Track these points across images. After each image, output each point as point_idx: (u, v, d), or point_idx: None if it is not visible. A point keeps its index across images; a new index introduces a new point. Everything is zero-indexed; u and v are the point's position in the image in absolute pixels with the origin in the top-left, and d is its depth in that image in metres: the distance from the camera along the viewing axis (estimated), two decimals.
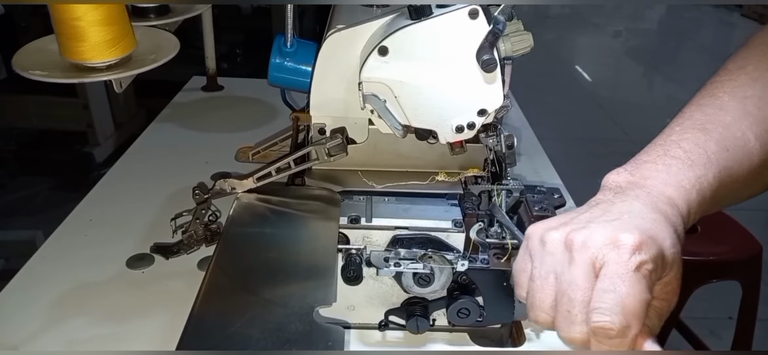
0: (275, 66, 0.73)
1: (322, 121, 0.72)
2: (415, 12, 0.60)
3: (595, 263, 0.42)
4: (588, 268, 0.42)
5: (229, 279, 0.60)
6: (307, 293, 0.57)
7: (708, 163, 0.48)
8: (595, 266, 0.42)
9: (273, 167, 0.71)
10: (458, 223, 0.66)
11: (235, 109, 1.33)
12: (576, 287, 0.42)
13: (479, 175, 0.73)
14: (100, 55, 0.66)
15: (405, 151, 0.74)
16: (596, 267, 0.42)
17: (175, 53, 0.73)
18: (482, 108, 0.64)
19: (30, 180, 2.51)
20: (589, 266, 0.42)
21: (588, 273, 0.42)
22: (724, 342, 1.81)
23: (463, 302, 0.64)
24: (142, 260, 0.81)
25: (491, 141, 0.70)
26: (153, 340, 0.68)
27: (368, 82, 0.63)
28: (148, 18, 0.85)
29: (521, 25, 0.63)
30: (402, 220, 0.66)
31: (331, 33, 0.67)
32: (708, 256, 1.35)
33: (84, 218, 0.90)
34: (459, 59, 0.61)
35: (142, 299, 0.74)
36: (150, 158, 1.10)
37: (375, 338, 0.69)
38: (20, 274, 0.78)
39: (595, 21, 5.67)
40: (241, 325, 0.53)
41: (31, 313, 0.71)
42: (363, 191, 0.72)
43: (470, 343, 0.70)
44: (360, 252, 0.64)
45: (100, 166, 2.49)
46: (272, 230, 0.67)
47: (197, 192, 0.74)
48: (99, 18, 0.64)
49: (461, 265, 0.61)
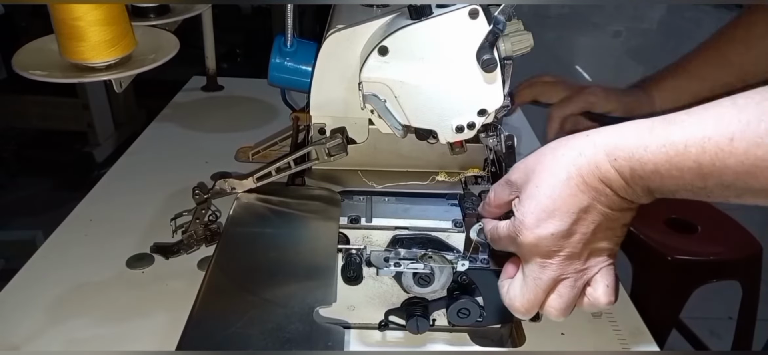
0: (275, 66, 0.73)
1: (322, 121, 0.72)
2: (415, 12, 0.60)
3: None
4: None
5: (229, 279, 0.60)
6: (307, 293, 0.56)
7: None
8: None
9: (273, 167, 0.71)
10: (458, 223, 0.66)
11: (235, 109, 1.33)
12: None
13: (479, 175, 0.73)
14: (100, 55, 0.66)
15: (405, 151, 0.74)
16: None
17: (175, 53, 0.73)
18: (482, 108, 0.64)
19: (30, 180, 2.51)
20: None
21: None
22: (724, 342, 1.81)
23: (463, 302, 0.64)
24: (142, 260, 0.81)
25: (491, 141, 0.70)
26: (153, 340, 0.68)
27: (368, 82, 0.63)
28: (148, 18, 0.85)
29: (521, 25, 0.63)
30: (402, 220, 0.66)
31: (331, 33, 0.67)
32: (708, 256, 1.35)
33: (84, 218, 0.90)
34: (459, 59, 0.61)
35: (142, 299, 0.74)
36: (150, 158, 1.10)
37: (375, 338, 0.69)
38: (20, 274, 0.78)
39: (595, 21, 5.66)
40: (241, 325, 0.53)
41: (31, 313, 0.71)
42: (363, 191, 0.72)
43: (470, 343, 0.70)
44: (360, 252, 0.64)
45: (100, 166, 2.49)
46: (272, 230, 0.67)
47: (197, 192, 0.74)
48: (99, 18, 0.64)
49: (461, 265, 0.61)
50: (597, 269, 0.51)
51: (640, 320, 0.75)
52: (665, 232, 1.39)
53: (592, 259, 0.50)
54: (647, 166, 0.44)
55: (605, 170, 0.46)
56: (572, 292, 0.51)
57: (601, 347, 0.71)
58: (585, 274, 0.51)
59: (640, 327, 0.74)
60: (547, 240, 0.48)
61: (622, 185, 0.46)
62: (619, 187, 0.46)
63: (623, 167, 0.45)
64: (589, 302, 0.52)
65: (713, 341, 1.81)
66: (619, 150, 0.45)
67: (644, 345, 0.71)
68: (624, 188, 0.46)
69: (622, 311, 0.76)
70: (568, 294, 0.51)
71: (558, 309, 0.52)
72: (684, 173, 0.42)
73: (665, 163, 0.43)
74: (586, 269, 0.50)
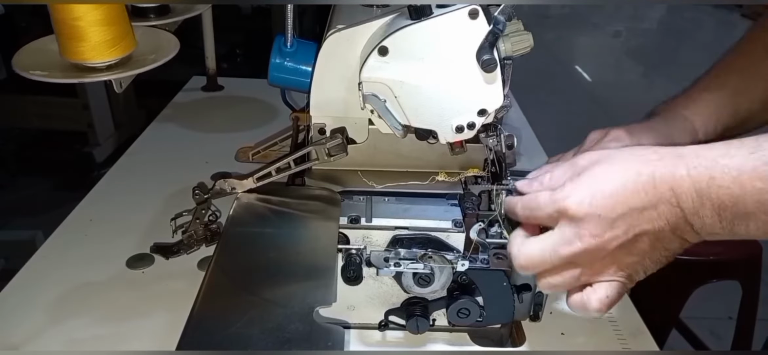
0: (275, 66, 0.73)
1: (322, 121, 0.72)
2: (415, 12, 0.60)
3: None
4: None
5: (229, 279, 0.60)
6: (307, 293, 0.57)
7: None
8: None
9: (273, 167, 0.71)
10: (458, 223, 0.66)
11: (235, 109, 1.33)
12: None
13: (479, 175, 0.73)
14: (100, 55, 0.66)
15: (405, 151, 0.74)
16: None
17: (175, 53, 0.73)
18: (482, 108, 0.64)
19: (30, 180, 2.51)
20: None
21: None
22: (724, 342, 1.81)
23: (463, 302, 0.64)
24: (142, 260, 0.81)
25: (491, 141, 0.70)
26: (153, 340, 0.68)
27: (368, 82, 0.63)
28: (148, 18, 0.85)
29: (521, 25, 0.63)
30: (402, 220, 0.66)
31: (331, 33, 0.67)
32: (708, 256, 1.35)
33: (84, 218, 0.90)
34: (459, 59, 0.61)
35: (142, 299, 0.74)
36: (150, 158, 1.10)
37: (375, 338, 0.69)
38: (20, 274, 0.78)
39: (595, 21, 5.66)
40: (241, 325, 0.53)
41: (31, 313, 0.71)
42: (363, 191, 0.72)
43: (470, 343, 0.70)
44: (360, 252, 0.64)
45: (100, 166, 2.49)
46: (272, 230, 0.67)
47: (197, 192, 0.74)
48: (99, 18, 0.64)
49: (461, 265, 0.61)
50: (609, 279, 0.49)
51: (640, 320, 0.75)
52: None
53: (611, 269, 0.49)
54: (729, 174, 0.41)
55: (680, 177, 0.44)
56: (572, 282, 0.50)
57: (601, 347, 0.71)
58: (595, 276, 0.49)
59: (640, 327, 0.74)
60: (591, 219, 0.46)
61: (692, 197, 0.43)
62: (687, 201, 0.43)
63: (701, 176, 0.42)
64: (581, 300, 0.50)
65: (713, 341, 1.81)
66: (700, 158, 0.43)
67: (644, 345, 0.71)
68: (693, 202, 0.43)
69: (622, 311, 0.76)
70: (566, 282, 0.50)
71: (549, 285, 0.51)
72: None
73: (750, 171, 0.40)
74: (600, 271, 0.49)
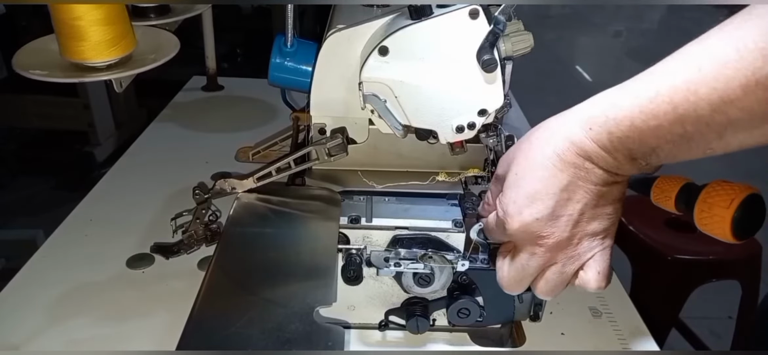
0: (275, 66, 0.73)
1: (322, 121, 0.72)
2: (415, 12, 0.60)
3: None
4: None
5: (229, 279, 0.60)
6: (307, 293, 0.56)
7: None
8: None
9: (273, 167, 0.71)
10: (458, 223, 0.66)
11: (235, 109, 1.33)
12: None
13: (479, 176, 0.73)
14: (100, 55, 0.66)
15: (405, 151, 0.74)
16: None
17: (175, 53, 0.73)
18: (482, 108, 0.64)
19: (30, 180, 2.51)
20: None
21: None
22: (724, 342, 1.81)
23: (463, 302, 0.64)
24: (142, 260, 0.81)
25: (491, 141, 0.70)
26: (153, 340, 0.68)
27: (368, 82, 0.63)
28: (148, 18, 0.85)
29: (521, 25, 0.63)
30: (402, 220, 0.66)
31: (331, 33, 0.67)
32: (708, 256, 1.35)
33: (84, 218, 0.90)
34: (459, 59, 0.61)
35: (142, 299, 0.74)
36: (150, 158, 1.10)
37: (375, 338, 0.69)
38: (20, 274, 0.78)
39: (595, 21, 5.66)
40: (241, 325, 0.53)
41: (31, 313, 0.71)
42: (363, 191, 0.72)
43: (470, 343, 0.70)
44: (360, 252, 0.64)
45: (100, 166, 2.49)
46: (272, 230, 0.67)
47: (197, 192, 0.74)
48: (99, 18, 0.64)
49: (461, 265, 0.61)
50: (590, 253, 0.50)
51: (640, 319, 0.75)
52: (665, 231, 1.39)
53: (584, 243, 0.49)
54: (623, 124, 0.42)
55: (581, 143, 0.45)
56: (560, 277, 0.50)
57: (601, 347, 0.71)
58: (576, 260, 0.50)
59: (640, 327, 0.74)
60: (533, 226, 0.47)
61: (602, 154, 0.44)
62: (599, 158, 0.45)
63: (600, 135, 0.44)
64: (582, 286, 0.51)
65: (713, 341, 1.81)
66: (592, 119, 0.44)
67: (644, 345, 0.71)
68: (604, 158, 0.45)
69: (622, 311, 0.76)
70: (555, 280, 0.51)
71: (544, 292, 0.52)
72: (661, 120, 0.41)
73: (640, 115, 0.41)
74: (578, 254, 0.49)
